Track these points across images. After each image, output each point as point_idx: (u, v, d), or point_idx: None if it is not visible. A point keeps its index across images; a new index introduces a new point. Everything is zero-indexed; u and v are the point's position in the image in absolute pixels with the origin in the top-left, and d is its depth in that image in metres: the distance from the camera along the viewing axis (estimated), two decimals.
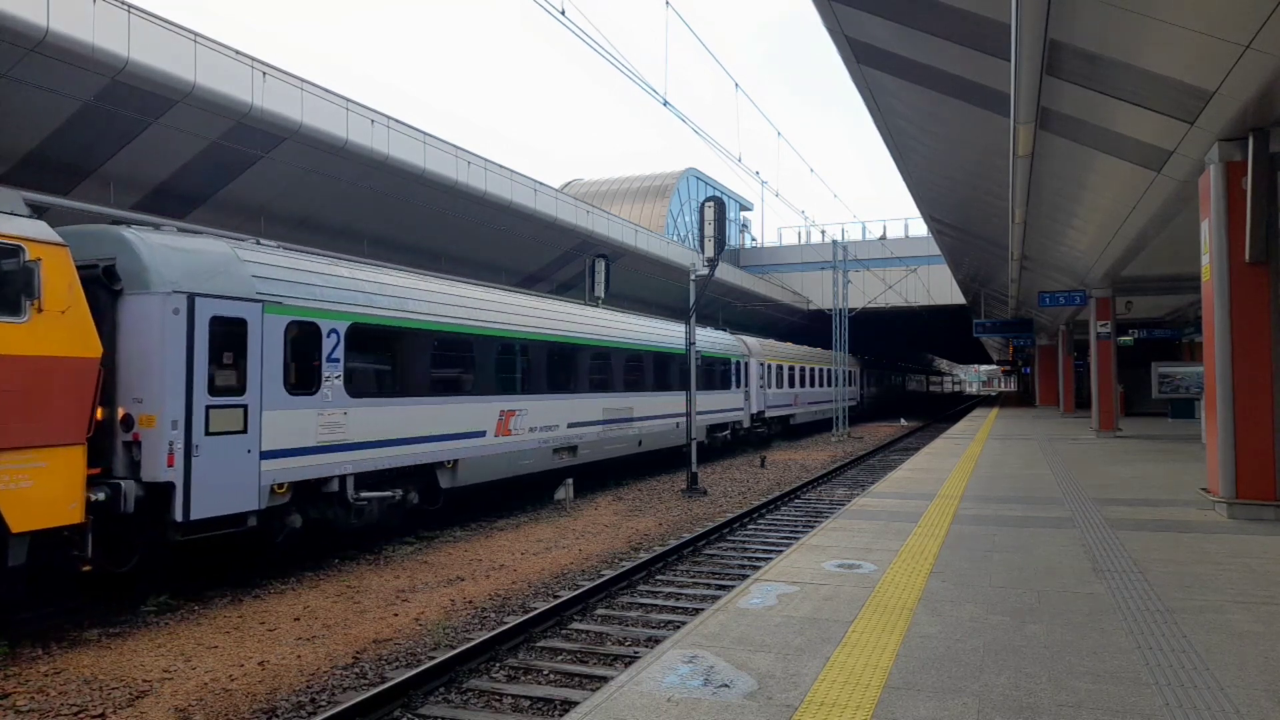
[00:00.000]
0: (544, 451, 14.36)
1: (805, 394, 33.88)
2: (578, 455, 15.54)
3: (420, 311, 11.61)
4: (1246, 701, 3.86)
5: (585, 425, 15.92)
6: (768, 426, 28.73)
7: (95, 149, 14.54)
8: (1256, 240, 8.21)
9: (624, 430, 17.55)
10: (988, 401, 67.96)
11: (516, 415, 13.51)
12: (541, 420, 14.32)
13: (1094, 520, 8.74)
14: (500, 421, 13.12)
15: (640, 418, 18.30)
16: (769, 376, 28.51)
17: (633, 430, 17.97)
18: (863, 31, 10.19)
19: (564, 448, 15.11)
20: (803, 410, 33.08)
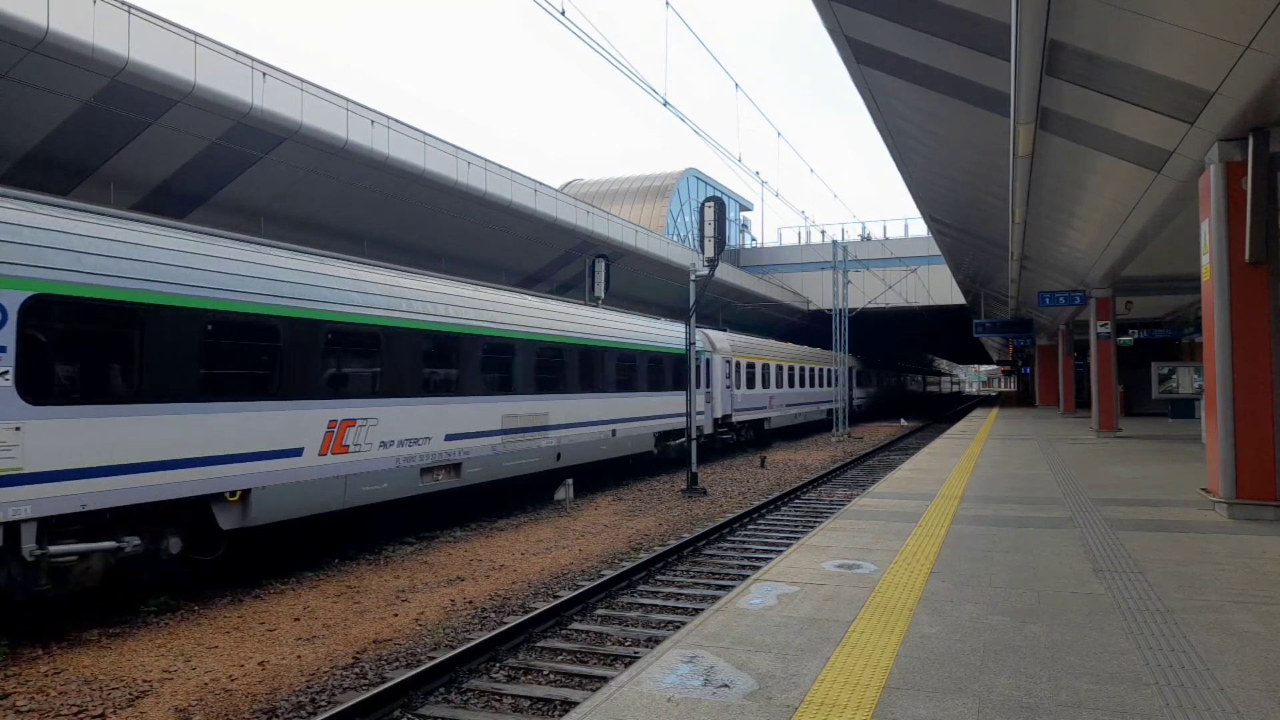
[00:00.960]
0: (406, 473, 11.11)
1: (784, 395, 30.95)
2: (462, 475, 12.28)
3: (175, 282, 8.25)
4: (1246, 701, 3.86)
5: (474, 437, 12.55)
6: (736, 433, 25.77)
7: (95, 149, 14.54)
8: (1256, 240, 8.21)
9: (534, 442, 14.01)
10: (987, 401, 67.96)
11: (359, 426, 10.34)
12: (402, 432, 11.08)
13: (1094, 520, 8.74)
14: (330, 435, 9.93)
15: (559, 425, 14.87)
16: (738, 376, 25.54)
17: (547, 441, 14.44)
18: (863, 31, 10.19)
19: (439, 466, 11.83)
20: (780, 413, 30.16)
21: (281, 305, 9.40)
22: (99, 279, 7.62)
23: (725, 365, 24.20)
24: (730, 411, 24.64)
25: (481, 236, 23.85)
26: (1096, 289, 20.66)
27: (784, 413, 30.85)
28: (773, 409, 29.11)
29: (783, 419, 30.82)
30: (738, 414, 25.46)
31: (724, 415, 24.13)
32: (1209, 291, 8.74)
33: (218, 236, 9.26)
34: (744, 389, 25.98)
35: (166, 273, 8.23)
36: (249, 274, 9.12)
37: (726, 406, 24.30)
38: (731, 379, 24.74)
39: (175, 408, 8.19)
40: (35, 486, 7.02)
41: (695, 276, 17.75)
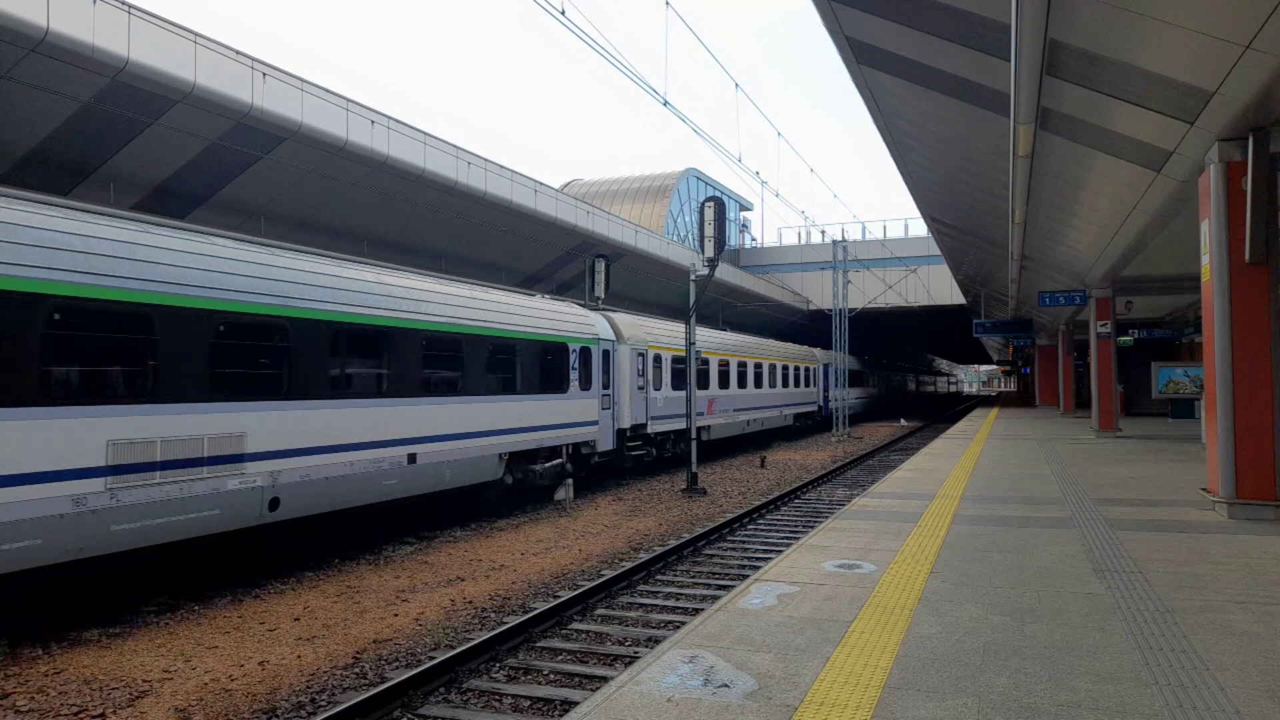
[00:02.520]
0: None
1: (732, 398, 25.10)
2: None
3: None
4: (1246, 702, 3.86)
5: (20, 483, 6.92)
6: (655, 447, 19.95)
7: (95, 149, 14.54)
8: (1256, 240, 8.21)
9: (205, 481, 8.44)
10: (987, 401, 67.97)
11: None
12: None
13: (1094, 520, 8.74)
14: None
15: (268, 454, 9.17)
16: (659, 373, 19.86)
17: (240, 481, 8.79)
18: (863, 31, 10.19)
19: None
20: (726, 420, 24.48)
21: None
22: None
23: (637, 360, 18.56)
24: (645, 420, 18.86)
25: (482, 236, 23.85)
26: (1096, 289, 20.66)
27: (731, 420, 24.81)
28: (714, 415, 23.54)
29: (730, 428, 24.84)
30: (658, 422, 19.59)
31: (635, 425, 18.33)
32: (1209, 291, 8.74)
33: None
34: (668, 390, 20.29)
35: None
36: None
37: (638, 413, 18.51)
38: (647, 377, 18.98)
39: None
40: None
41: (695, 276, 17.74)
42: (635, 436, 18.71)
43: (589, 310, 17.44)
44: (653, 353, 19.64)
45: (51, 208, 7.73)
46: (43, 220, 7.40)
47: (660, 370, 19.98)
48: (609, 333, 17.55)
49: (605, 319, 17.88)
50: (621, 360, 17.97)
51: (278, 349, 9.41)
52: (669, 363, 20.44)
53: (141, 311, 7.95)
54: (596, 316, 17.38)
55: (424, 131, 19.44)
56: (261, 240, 10.19)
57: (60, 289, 7.27)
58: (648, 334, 19.59)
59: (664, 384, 20.05)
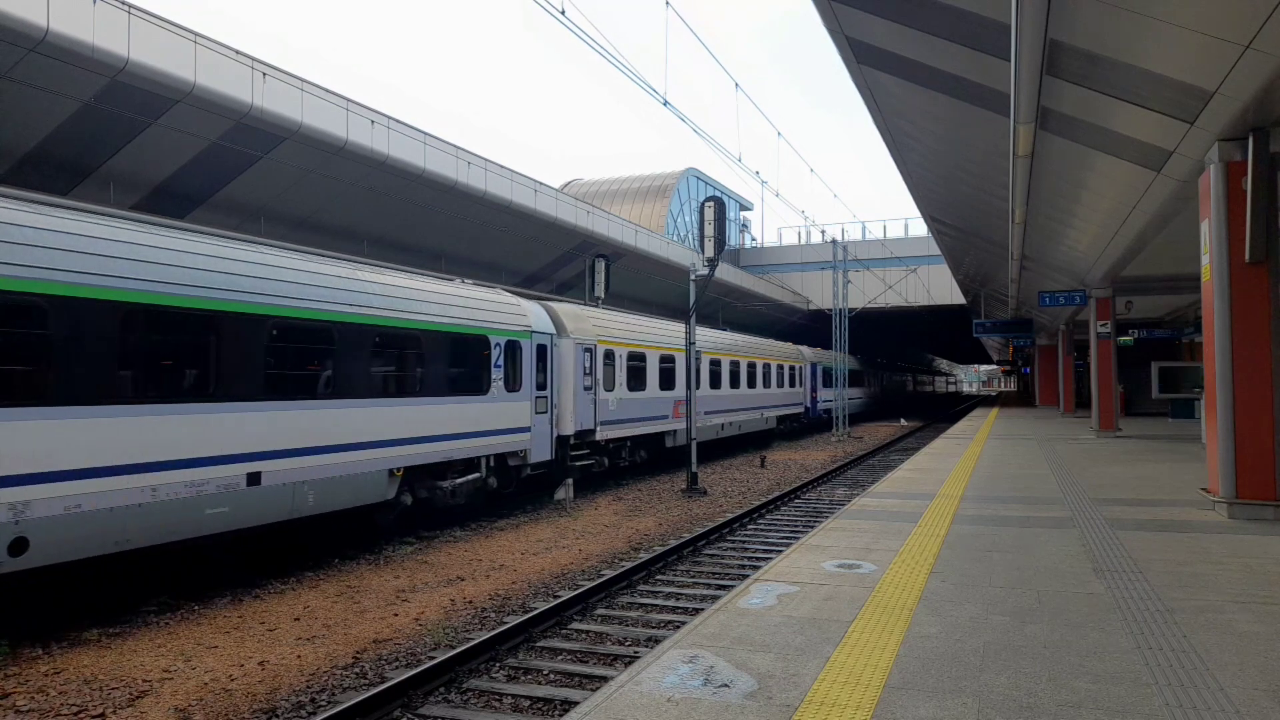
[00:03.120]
0: None
1: (704, 400, 22.43)
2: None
3: None
4: (1246, 701, 3.86)
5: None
6: (607, 456, 17.61)
7: (95, 149, 14.54)
8: (1256, 240, 8.21)
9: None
10: (987, 401, 67.98)
11: None
12: None
13: (1094, 520, 8.74)
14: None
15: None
16: (609, 372, 17.34)
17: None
18: (863, 31, 10.19)
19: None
20: (697, 425, 20.57)
21: None
22: None
23: (583, 356, 16.31)
24: (594, 425, 16.57)
25: (482, 236, 23.86)
26: (1096, 289, 20.66)
27: (702, 424, 22.05)
28: (681, 419, 20.56)
29: (701, 433, 21.89)
30: (610, 428, 17.26)
31: (581, 431, 16.12)
32: (1209, 291, 8.74)
33: None
34: (623, 390, 17.85)
35: None
36: None
37: (584, 418, 16.18)
38: (596, 376, 16.62)
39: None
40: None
41: (695, 276, 17.74)
42: (581, 444, 16.32)
43: (520, 299, 14.75)
44: (603, 348, 17.02)
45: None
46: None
47: (613, 368, 17.41)
48: (546, 325, 14.94)
49: (544, 309, 15.42)
50: (563, 357, 15.62)
51: (22, 338, 6.99)
52: (623, 360, 17.86)
53: None
54: (531, 306, 14.78)
55: (424, 131, 19.44)
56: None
57: None
58: (597, 326, 17.11)
59: (617, 384, 17.55)
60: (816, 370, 35.71)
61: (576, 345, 16.05)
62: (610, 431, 17.31)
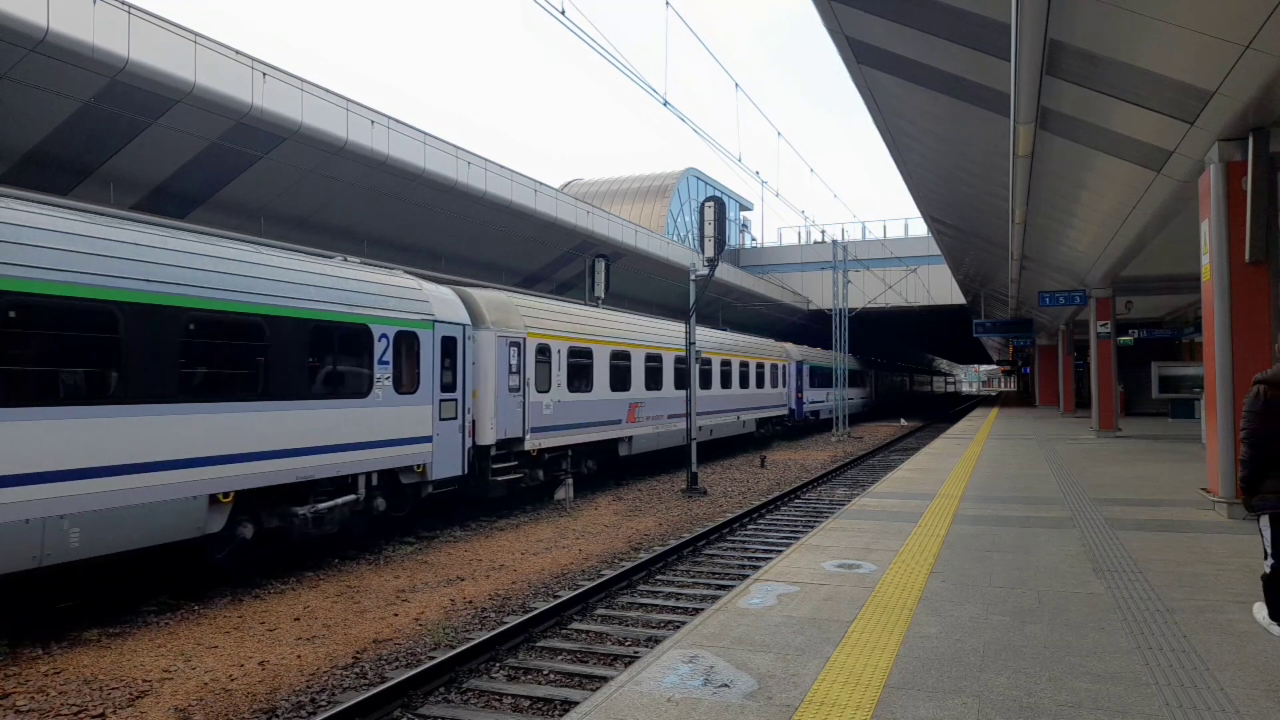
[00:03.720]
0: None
1: (667, 402, 19.80)
2: None
3: None
4: (1246, 701, 3.86)
5: None
6: (541, 468, 14.89)
7: (95, 149, 14.54)
8: (1256, 240, 8.21)
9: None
10: (987, 401, 67.98)
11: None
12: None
13: (1094, 520, 8.74)
14: None
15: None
16: (544, 370, 14.87)
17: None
18: (863, 31, 10.19)
19: None
20: (654, 430, 19.14)
21: None
22: None
23: (509, 351, 13.77)
24: (523, 431, 14.08)
25: (482, 236, 23.86)
26: (1096, 289, 20.67)
27: (663, 429, 19.53)
28: (637, 423, 18.29)
29: (661, 439, 19.43)
30: (544, 435, 14.73)
31: (506, 439, 13.69)
32: (1209, 291, 8.74)
33: None
34: (562, 391, 15.41)
35: None
36: None
37: (510, 423, 13.70)
38: (525, 374, 14.19)
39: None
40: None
41: (695, 276, 17.74)
42: (507, 454, 13.86)
43: (426, 282, 12.39)
44: (535, 342, 14.51)
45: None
46: None
47: (549, 366, 14.96)
48: (456, 313, 12.47)
49: (455, 294, 12.92)
50: (483, 352, 13.24)
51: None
52: (562, 356, 15.42)
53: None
54: (438, 291, 12.38)
55: (424, 131, 19.45)
56: None
57: None
58: (528, 317, 14.53)
59: (554, 383, 15.17)
60: (802, 369, 33.33)
61: (499, 338, 13.51)
62: (545, 439, 14.71)
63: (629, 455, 18.16)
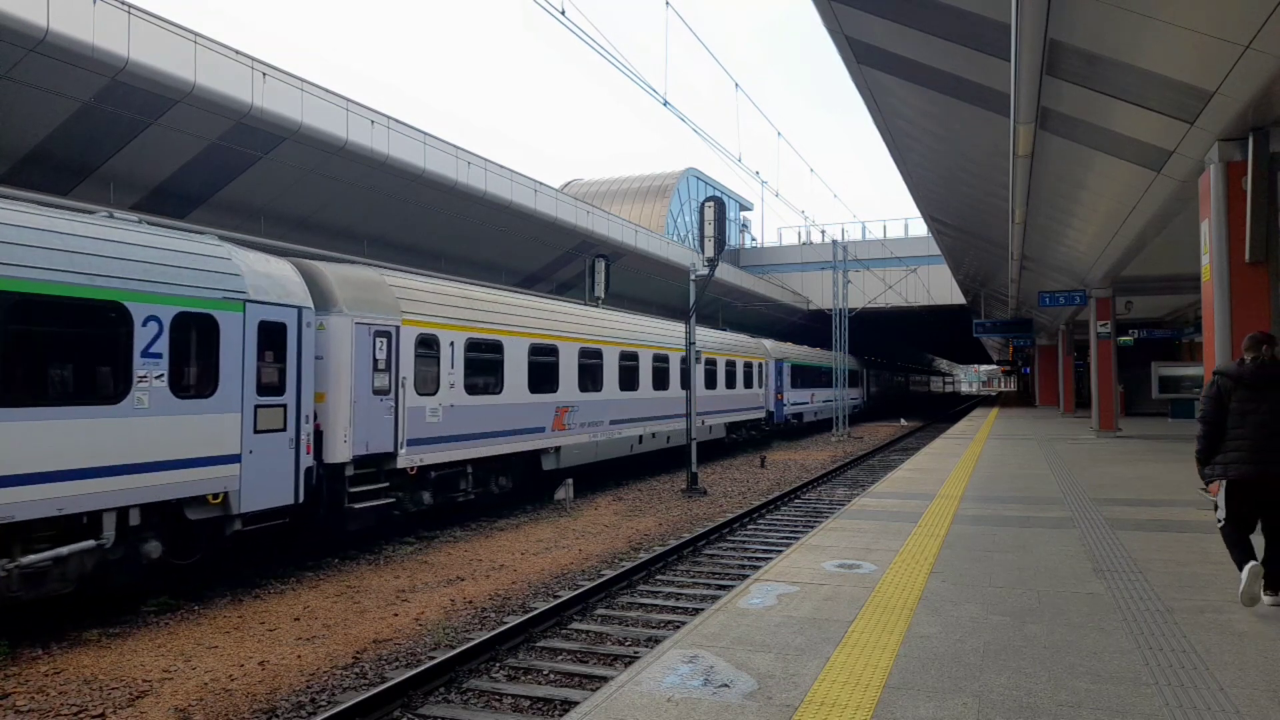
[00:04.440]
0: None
1: (607, 406, 17.23)
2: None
3: None
4: (1246, 701, 3.86)
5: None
6: (427, 490, 12.14)
7: (95, 149, 14.54)
8: (1256, 240, 8.21)
9: None
10: (987, 401, 67.97)
11: None
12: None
13: (1094, 520, 8.74)
14: None
15: None
16: (429, 367, 12.13)
17: None
18: (863, 31, 10.19)
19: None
20: (586, 440, 16.35)
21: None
22: None
23: (375, 342, 11.08)
24: (396, 445, 11.35)
25: (481, 236, 23.86)
26: (1096, 289, 20.67)
27: (601, 437, 16.88)
28: (567, 431, 15.71)
29: (601, 449, 16.86)
30: (428, 448, 11.97)
31: (371, 454, 10.94)
32: (1209, 291, 8.74)
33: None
34: (458, 393, 12.62)
35: None
36: None
37: (377, 434, 11.02)
38: (402, 373, 11.52)
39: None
40: None
41: (695, 276, 17.74)
42: (375, 474, 11.10)
43: (240, 250, 9.50)
44: (414, 332, 11.77)
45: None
46: None
47: (437, 362, 12.21)
48: (289, 292, 9.69)
49: (292, 267, 10.10)
50: (334, 343, 10.52)
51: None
52: (458, 350, 12.64)
53: None
54: (258, 261, 9.53)
55: (424, 131, 19.45)
56: None
57: None
58: (405, 299, 11.77)
59: (445, 384, 12.31)
60: (783, 368, 30.67)
61: (359, 326, 10.76)
62: (430, 454, 11.95)
63: (555, 469, 15.39)
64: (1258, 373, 5.26)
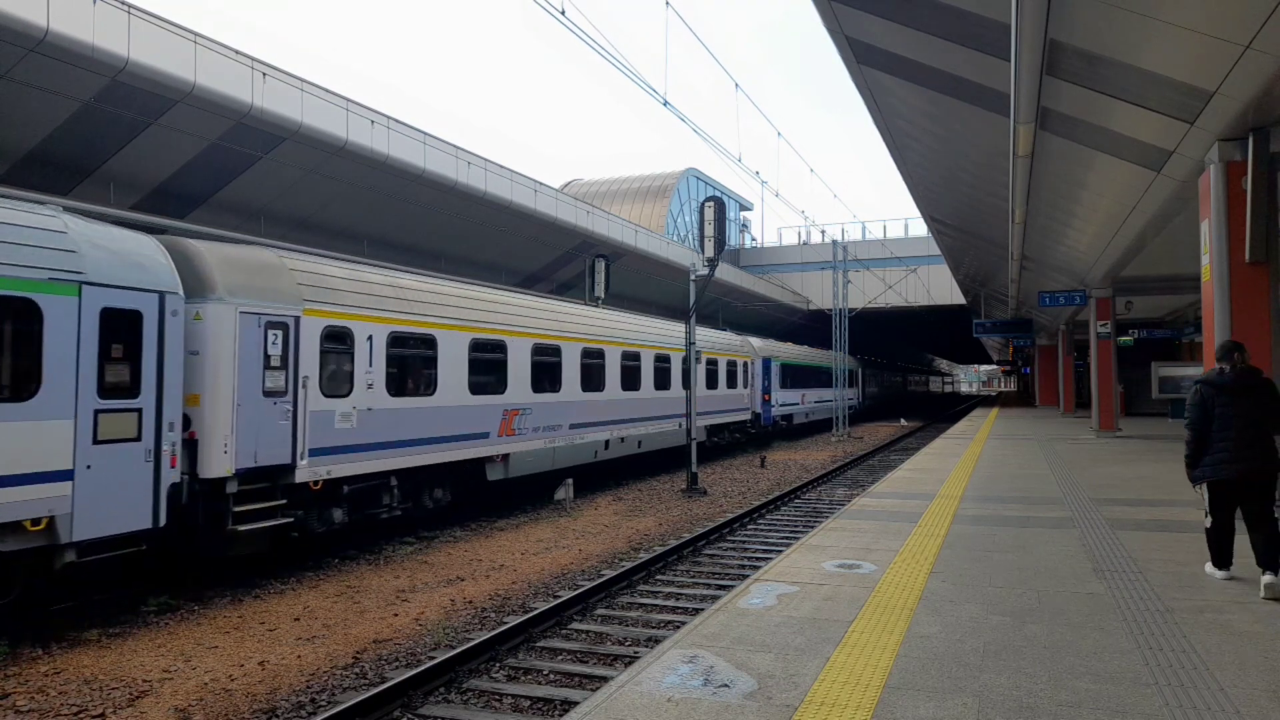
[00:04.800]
0: None
1: (567, 409, 15.60)
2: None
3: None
4: (1246, 701, 3.86)
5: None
6: (340, 504, 10.58)
7: (95, 149, 14.54)
8: (1256, 240, 8.21)
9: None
10: (987, 401, 67.97)
11: None
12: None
13: (1094, 520, 8.74)
14: None
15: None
16: (338, 365, 10.54)
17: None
18: (863, 31, 10.19)
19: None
20: (539, 447, 14.63)
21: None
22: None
23: (265, 336, 9.52)
24: (294, 455, 9.71)
25: (481, 236, 23.86)
26: (1096, 289, 20.67)
27: (566, 442, 15.48)
28: (517, 436, 13.96)
29: (566, 454, 15.43)
30: (337, 459, 10.32)
31: (261, 466, 9.31)
32: (1209, 291, 8.74)
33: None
34: (377, 396, 11.02)
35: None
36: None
37: (267, 444, 9.39)
38: (297, 370, 9.84)
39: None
40: None
41: (695, 276, 17.75)
42: (270, 490, 9.45)
43: (78, 220, 7.91)
44: (321, 323, 10.18)
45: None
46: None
47: (350, 359, 10.62)
48: (146, 273, 8.17)
49: (155, 244, 8.51)
50: (210, 335, 8.99)
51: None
52: (380, 345, 11.07)
53: None
54: (104, 235, 8.02)
55: (424, 131, 19.45)
56: None
57: None
58: (311, 286, 10.18)
59: (361, 384, 10.71)
60: (770, 367, 28.97)
61: (245, 316, 9.18)
62: (342, 465, 10.30)
63: (503, 479, 13.71)
64: (1237, 380, 5.77)
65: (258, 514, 9.23)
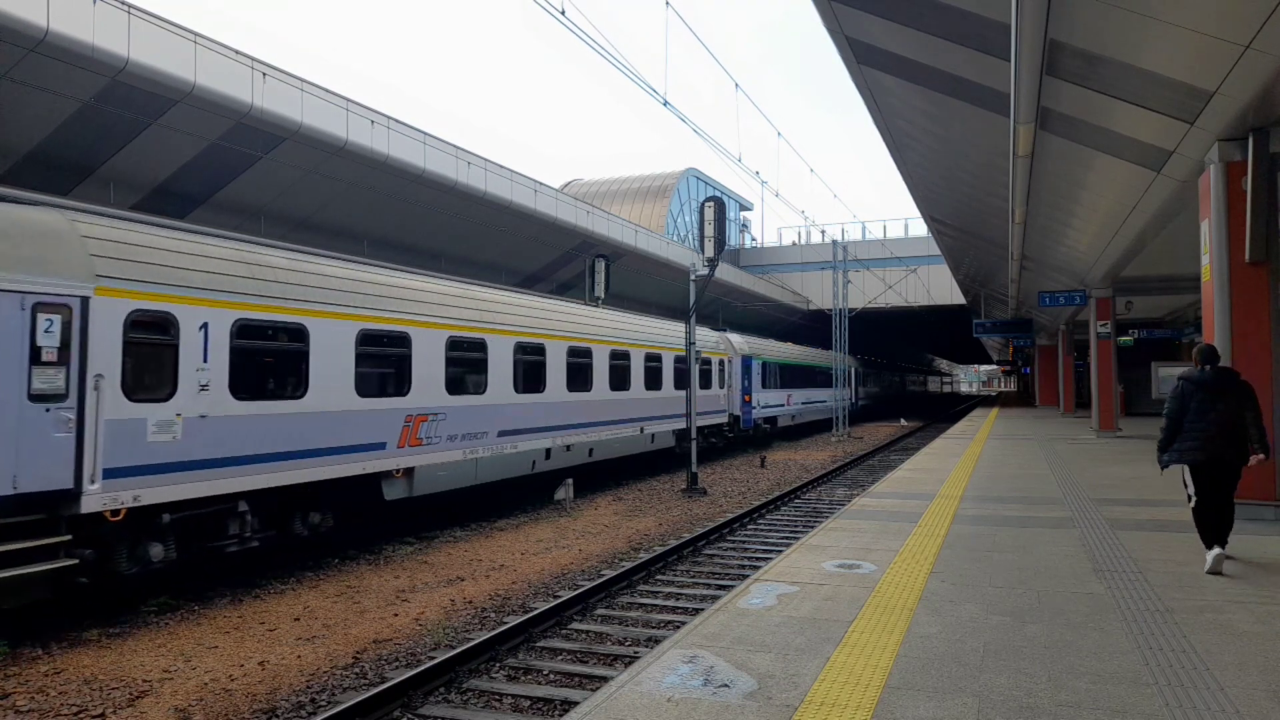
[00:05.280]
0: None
1: (501, 412, 13.40)
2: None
3: None
4: (1246, 701, 3.86)
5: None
6: (153, 542, 8.15)
7: (95, 149, 14.54)
8: (1256, 240, 8.21)
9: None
10: (987, 401, 67.96)
11: None
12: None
13: (1094, 520, 8.74)
14: None
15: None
16: (153, 363, 8.15)
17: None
18: (863, 31, 10.19)
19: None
20: (456, 459, 12.34)
21: None
22: None
23: (26, 320, 7.09)
24: (85, 480, 7.41)
25: (481, 236, 23.86)
26: (1096, 289, 20.67)
27: (497, 452, 13.20)
28: (425, 447, 11.67)
29: (493, 465, 13.18)
30: (151, 481, 7.99)
31: (15, 494, 6.86)
32: (1209, 291, 8.74)
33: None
34: (216, 399, 8.78)
35: None
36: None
37: (36, 465, 7.05)
38: (88, 365, 7.57)
39: None
40: None
41: (695, 276, 17.74)
42: (38, 525, 7.17)
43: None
44: (128, 306, 7.96)
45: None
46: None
47: (174, 352, 8.40)
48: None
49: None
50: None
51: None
52: (223, 335, 8.89)
53: None
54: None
55: (424, 131, 19.45)
56: None
57: None
58: (111, 256, 7.94)
59: (195, 385, 8.57)
60: (751, 365, 26.92)
61: (16, 298, 7.08)
62: (160, 487, 8.12)
63: (407, 498, 11.52)
64: (1215, 379, 6.35)
65: (20, 555, 6.88)
